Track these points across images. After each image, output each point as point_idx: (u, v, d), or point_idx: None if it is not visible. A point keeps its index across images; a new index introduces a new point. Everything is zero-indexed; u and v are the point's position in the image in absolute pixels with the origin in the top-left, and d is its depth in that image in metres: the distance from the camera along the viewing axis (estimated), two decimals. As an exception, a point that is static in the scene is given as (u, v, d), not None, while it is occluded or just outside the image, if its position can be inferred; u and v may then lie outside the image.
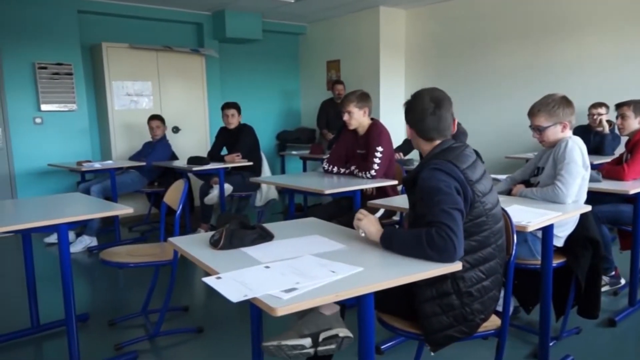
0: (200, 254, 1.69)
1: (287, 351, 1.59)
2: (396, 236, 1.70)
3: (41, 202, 2.90)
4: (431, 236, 1.59)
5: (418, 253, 1.61)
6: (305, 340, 1.60)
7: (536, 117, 2.58)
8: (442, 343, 1.77)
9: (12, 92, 5.39)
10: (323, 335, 1.62)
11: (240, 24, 6.63)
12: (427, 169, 1.76)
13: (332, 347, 1.62)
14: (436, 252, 1.58)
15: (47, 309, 3.11)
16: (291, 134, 7.55)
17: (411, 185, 1.85)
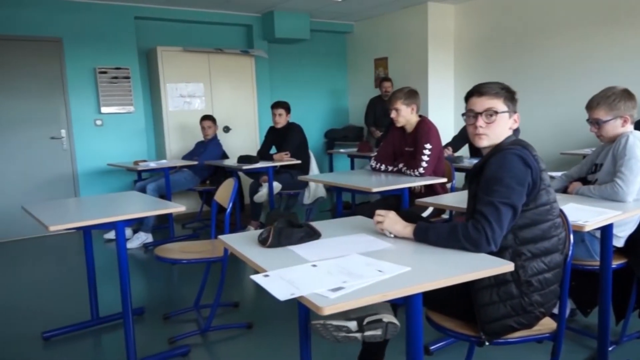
0: (249, 251, 1.72)
1: (332, 331, 1.60)
2: (431, 228, 1.72)
3: (101, 200, 3.05)
4: (466, 228, 1.64)
5: (453, 244, 1.65)
6: (351, 323, 1.61)
7: (595, 111, 2.47)
8: (498, 332, 1.73)
9: (75, 96, 5.69)
10: (368, 319, 1.62)
11: (288, 24, 6.70)
12: (499, 154, 1.75)
13: (378, 332, 1.62)
14: (469, 244, 1.62)
15: (106, 302, 3.26)
16: (339, 132, 7.56)
17: (476, 174, 1.82)
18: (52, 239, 5.27)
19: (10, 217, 5.26)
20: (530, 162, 1.71)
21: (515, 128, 1.90)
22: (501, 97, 1.85)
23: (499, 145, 1.83)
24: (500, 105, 1.84)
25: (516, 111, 1.88)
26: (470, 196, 1.88)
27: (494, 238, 1.62)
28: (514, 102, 1.87)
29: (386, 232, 1.83)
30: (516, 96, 1.88)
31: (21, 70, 5.41)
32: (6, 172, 5.40)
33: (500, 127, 1.85)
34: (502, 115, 1.84)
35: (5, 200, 5.33)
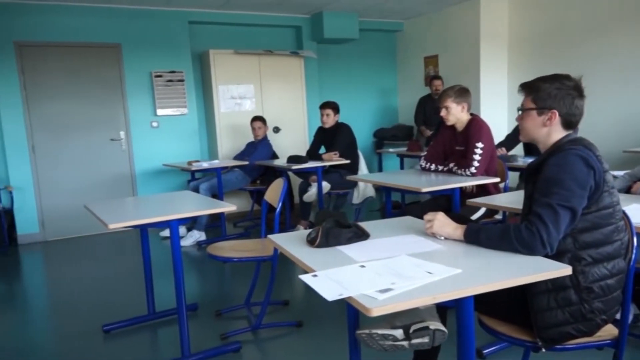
0: (298, 251, 1.73)
1: (378, 340, 1.59)
2: (483, 230, 1.67)
3: (156, 199, 3.16)
4: (519, 230, 1.58)
5: (505, 246, 1.60)
6: (397, 331, 1.59)
7: None
8: (556, 339, 1.67)
9: (132, 100, 5.93)
10: (414, 327, 1.60)
11: (337, 24, 6.71)
12: (560, 154, 1.67)
13: (425, 340, 1.59)
14: (522, 246, 1.57)
15: (162, 298, 3.38)
16: (388, 132, 7.50)
17: (533, 174, 1.77)
18: (111, 236, 5.51)
19: (73, 215, 5.54)
20: (592, 163, 1.63)
21: (550, 125, 1.78)
22: (530, 95, 1.80)
23: (558, 144, 1.76)
24: (527, 102, 1.81)
25: (552, 108, 1.76)
26: (526, 197, 1.82)
27: (549, 241, 1.56)
28: (547, 99, 1.76)
29: (438, 235, 1.80)
30: (553, 92, 1.75)
31: (83, 75, 5.69)
32: (70, 172, 5.70)
33: (528, 124, 1.81)
34: (529, 112, 1.80)
35: (69, 199, 5.63)
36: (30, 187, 5.52)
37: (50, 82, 5.56)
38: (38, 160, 5.56)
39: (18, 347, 2.97)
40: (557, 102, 1.75)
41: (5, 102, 5.33)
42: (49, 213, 5.63)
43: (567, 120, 1.77)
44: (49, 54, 5.53)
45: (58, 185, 5.66)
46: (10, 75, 5.33)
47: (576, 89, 1.76)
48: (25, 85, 5.43)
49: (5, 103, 5.33)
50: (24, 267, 4.86)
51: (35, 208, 5.56)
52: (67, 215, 5.63)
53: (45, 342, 3.07)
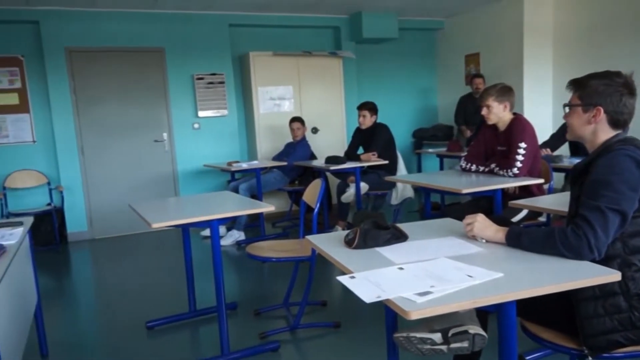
0: (336, 252, 1.73)
1: (416, 344, 1.57)
2: (526, 233, 1.62)
3: (197, 199, 3.23)
4: (565, 234, 1.52)
5: (549, 250, 1.55)
6: (435, 335, 1.57)
7: None
8: (603, 348, 1.60)
9: (175, 102, 6.08)
10: (453, 331, 1.57)
11: (376, 24, 6.67)
12: (609, 154, 1.61)
13: (464, 345, 1.56)
14: (568, 250, 1.51)
15: (203, 296, 3.45)
16: (427, 132, 7.41)
17: (580, 175, 1.71)
18: (154, 235, 5.67)
19: (119, 214, 5.72)
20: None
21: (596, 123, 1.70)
22: (577, 91, 1.74)
23: (607, 144, 1.69)
24: (574, 98, 1.76)
25: (597, 104, 1.68)
26: (572, 199, 1.76)
27: (597, 245, 1.50)
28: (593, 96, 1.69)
29: (479, 238, 1.76)
30: (600, 89, 1.68)
31: (129, 79, 5.88)
32: (116, 173, 5.89)
33: (574, 121, 1.76)
34: (575, 109, 1.75)
35: (115, 198, 5.82)
36: (79, 187, 5.74)
37: (98, 86, 5.76)
38: (86, 161, 5.77)
39: (68, 340, 3.09)
40: (604, 99, 1.68)
41: (57, 106, 5.57)
42: (96, 212, 5.84)
43: (615, 118, 1.69)
44: (97, 59, 5.74)
45: (105, 185, 5.86)
46: (62, 80, 5.56)
47: (626, 87, 1.68)
48: (75, 90, 5.65)
49: (57, 107, 5.57)
50: (73, 263, 5.06)
51: (83, 207, 5.78)
52: (113, 214, 5.82)
53: (93, 336, 3.19)
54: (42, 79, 5.57)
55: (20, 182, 5.53)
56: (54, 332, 3.10)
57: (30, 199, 5.64)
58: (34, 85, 5.59)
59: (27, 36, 5.52)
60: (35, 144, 5.66)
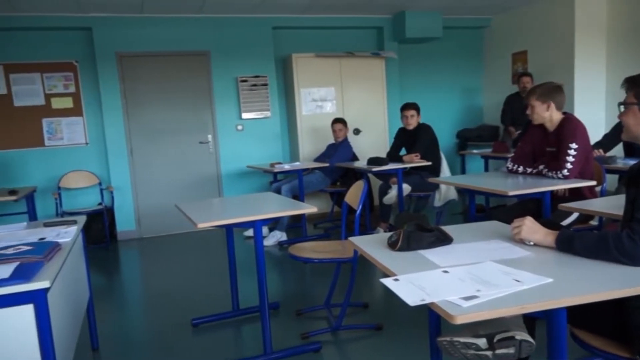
0: (379, 254, 1.72)
1: (460, 349, 1.53)
2: (578, 237, 1.55)
3: (241, 200, 3.28)
4: (619, 239, 1.45)
5: (603, 255, 1.48)
6: (480, 340, 1.53)
7: None
8: None
9: (220, 104, 6.20)
10: (498, 337, 1.53)
11: (420, 23, 6.60)
12: None
13: (510, 351, 1.52)
14: (623, 256, 1.44)
15: (245, 295, 3.49)
16: (472, 132, 7.26)
17: (636, 177, 1.64)
18: (199, 234, 5.79)
19: (165, 213, 5.88)
20: None
21: None
22: (633, 89, 1.67)
23: None
24: (630, 97, 1.69)
25: None
26: (627, 202, 1.68)
27: None
28: None
29: (527, 241, 1.71)
30: None
31: (175, 82, 6.04)
32: (163, 174, 6.07)
33: (630, 121, 1.70)
34: (631, 108, 1.68)
35: (161, 198, 5.99)
36: (128, 187, 5.94)
37: (146, 90, 5.95)
38: (135, 162, 5.97)
39: (118, 335, 3.20)
40: None
41: (108, 109, 5.79)
42: (144, 211, 6.03)
43: None
44: (145, 63, 5.92)
45: (152, 185, 6.04)
46: (112, 84, 5.77)
47: None
48: (124, 93, 5.85)
49: (108, 110, 5.79)
50: (122, 261, 5.24)
51: (132, 207, 5.98)
52: (160, 213, 5.99)
53: (141, 331, 3.29)
54: (94, 83, 5.81)
55: (74, 183, 5.78)
56: (104, 327, 3.21)
57: (82, 199, 5.89)
58: (86, 89, 5.84)
59: (80, 42, 5.77)
60: (88, 146, 5.90)
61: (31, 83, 5.65)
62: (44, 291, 1.58)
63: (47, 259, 1.81)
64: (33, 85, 5.66)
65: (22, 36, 5.58)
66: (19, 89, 5.61)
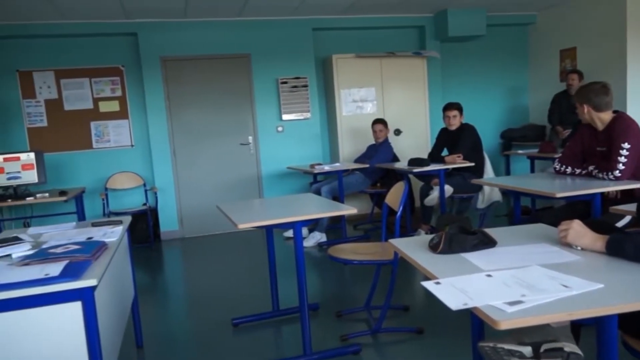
0: (420, 257, 1.69)
1: (503, 356, 1.48)
2: (630, 241, 1.47)
3: (281, 201, 3.29)
4: None
5: None
6: (525, 348, 1.47)
7: None
8: None
9: (260, 106, 6.27)
10: (545, 347, 1.47)
11: (463, 21, 6.47)
12: None
13: None
14: None
15: (285, 296, 3.51)
16: (517, 132, 7.06)
17: None
18: (240, 235, 5.86)
19: (207, 214, 5.99)
20: None
21: None
22: None
23: None
24: None
25: None
26: None
27: None
28: None
29: (574, 245, 1.64)
30: None
31: (217, 85, 6.14)
32: (204, 175, 6.18)
33: None
34: None
35: (203, 199, 6.10)
36: (171, 188, 6.08)
37: (188, 92, 6.08)
38: (178, 164, 6.11)
39: (161, 332, 3.28)
40: None
41: (152, 111, 5.95)
42: (187, 212, 6.16)
43: None
44: (188, 66, 6.05)
45: (194, 186, 6.16)
46: (156, 88, 5.93)
47: None
48: (168, 96, 6.00)
49: (152, 113, 5.95)
50: (166, 261, 5.37)
51: (175, 207, 6.12)
52: (202, 214, 6.10)
53: (183, 329, 3.36)
54: (139, 87, 5.98)
55: (120, 184, 5.96)
56: (148, 325, 3.29)
57: (128, 199, 6.07)
58: (132, 92, 6.02)
59: (126, 47, 5.96)
60: (133, 148, 6.08)
61: (80, 88, 5.88)
62: (92, 289, 1.63)
63: (95, 258, 1.87)
64: (82, 90, 5.88)
65: (71, 43, 5.81)
66: (69, 94, 5.85)
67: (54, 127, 5.83)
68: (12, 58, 5.68)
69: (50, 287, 1.58)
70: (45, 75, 5.78)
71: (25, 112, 5.76)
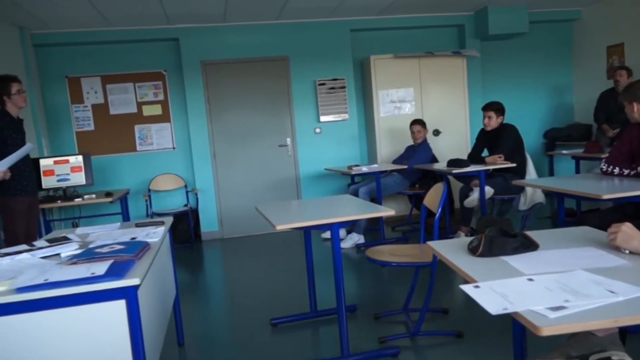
0: (459, 259, 1.67)
1: None
2: None
3: (318, 202, 3.31)
4: None
5: None
6: None
7: None
8: None
9: (298, 108, 6.31)
10: (593, 357, 1.42)
11: (504, 19, 6.34)
12: None
13: None
14: None
15: (323, 297, 3.52)
16: (561, 132, 6.85)
17: None
18: (278, 236, 5.92)
19: (246, 215, 6.08)
20: None
21: None
22: None
23: None
24: None
25: None
26: None
27: None
28: None
29: (623, 249, 1.58)
30: None
31: (255, 87, 6.22)
32: (243, 176, 6.27)
33: None
34: None
35: (242, 200, 6.19)
36: (211, 190, 6.20)
37: (228, 95, 6.18)
38: (218, 166, 6.22)
39: (202, 332, 3.34)
40: None
41: (193, 114, 6.08)
42: (226, 213, 6.26)
43: None
44: (227, 69, 6.16)
45: (233, 187, 6.26)
46: (197, 91, 6.06)
47: None
48: (208, 99, 6.12)
49: (193, 116, 6.08)
50: (206, 261, 5.47)
51: (215, 208, 6.24)
52: (241, 215, 6.19)
53: (223, 328, 3.41)
54: (180, 91, 6.13)
55: (162, 185, 6.12)
56: (189, 323, 3.37)
57: (170, 200, 6.23)
58: (174, 96, 6.17)
59: (168, 52, 6.12)
60: (175, 150, 6.23)
61: (125, 92, 6.07)
62: (135, 288, 1.68)
63: (138, 258, 1.92)
64: (126, 95, 6.08)
65: (117, 49, 6.01)
66: (114, 98, 6.05)
67: (100, 130, 6.04)
68: (62, 65, 5.92)
69: (96, 286, 1.64)
70: (93, 81, 6.00)
71: (73, 117, 5.99)
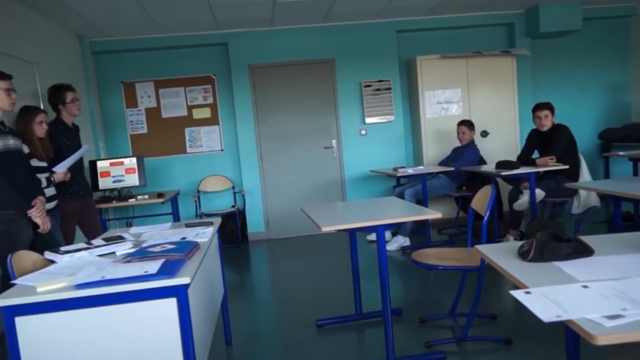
0: (508, 264, 1.63)
1: None
2: None
3: (364, 204, 3.30)
4: None
5: None
6: None
7: None
8: None
9: (343, 109, 6.33)
10: None
11: (556, 16, 6.13)
12: None
13: None
14: None
15: (368, 299, 3.51)
16: (618, 132, 6.56)
17: None
18: (323, 237, 5.95)
19: (292, 216, 6.15)
20: None
21: None
22: None
23: None
24: None
25: None
26: None
27: None
28: None
29: None
30: None
31: (302, 89, 6.28)
32: (289, 178, 6.34)
33: None
34: None
35: (288, 202, 6.26)
36: (258, 191, 6.30)
37: (275, 98, 6.27)
38: (264, 167, 6.32)
39: (249, 331, 3.40)
40: None
41: (241, 117, 6.21)
42: (272, 214, 6.35)
43: None
44: (274, 72, 6.25)
45: (280, 189, 6.34)
46: (245, 94, 6.18)
47: None
48: (255, 102, 6.23)
49: (241, 118, 6.21)
50: (252, 261, 5.56)
51: (261, 209, 6.33)
52: (287, 216, 6.26)
53: (269, 328, 3.46)
54: (229, 94, 6.27)
55: (211, 186, 6.28)
56: (236, 323, 3.44)
57: (218, 201, 6.37)
58: (222, 99, 6.32)
59: (217, 57, 6.27)
60: (223, 152, 6.37)
61: (176, 96, 6.27)
62: (185, 286, 1.74)
63: (188, 257, 1.99)
64: (177, 98, 6.27)
65: (169, 55, 6.21)
66: (166, 102, 6.25)
67: (153, 133, 6.26)
68: (118, 71, 6.17)
69: (149, 284, 1.70)
70: (146, 86, 6.22)
71: (128, 120, 6.23)
